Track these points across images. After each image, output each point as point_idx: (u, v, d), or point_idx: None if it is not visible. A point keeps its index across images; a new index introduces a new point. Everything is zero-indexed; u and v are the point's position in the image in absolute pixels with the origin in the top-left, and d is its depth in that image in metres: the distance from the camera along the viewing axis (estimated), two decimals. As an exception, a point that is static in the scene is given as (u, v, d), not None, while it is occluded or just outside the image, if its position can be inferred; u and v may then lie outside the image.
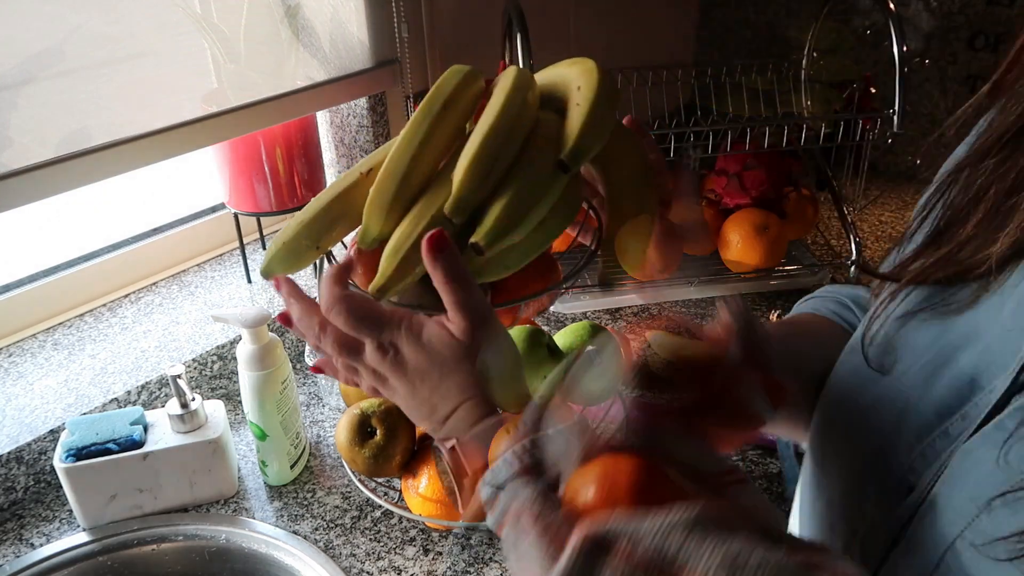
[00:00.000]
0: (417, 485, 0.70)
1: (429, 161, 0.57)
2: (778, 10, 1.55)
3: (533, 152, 0.56)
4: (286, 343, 1.02)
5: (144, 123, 0.82)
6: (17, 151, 0.73)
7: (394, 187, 0.56)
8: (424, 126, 0.57)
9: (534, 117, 0.59)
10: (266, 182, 0.99)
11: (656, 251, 1.01)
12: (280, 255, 0.59)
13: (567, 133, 0.56)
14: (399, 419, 0.72)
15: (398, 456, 0.71)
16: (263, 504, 0.81)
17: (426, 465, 0.71)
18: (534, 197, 0.55)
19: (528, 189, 0.55)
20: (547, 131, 0.57)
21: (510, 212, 0.54)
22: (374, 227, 0.57)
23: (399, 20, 1.02)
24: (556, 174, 0.55)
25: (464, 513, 0.67)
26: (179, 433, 0.77)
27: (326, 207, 0.60)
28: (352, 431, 0.71)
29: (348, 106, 1.09)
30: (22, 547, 0.76)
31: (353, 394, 0.77)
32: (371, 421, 0.71)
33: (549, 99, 0.61)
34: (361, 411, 0.72)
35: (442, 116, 0.58)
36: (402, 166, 0.56)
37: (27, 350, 0.94)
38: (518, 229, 0.54)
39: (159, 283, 1.07)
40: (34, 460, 0.81)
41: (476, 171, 0.53)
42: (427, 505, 0.70)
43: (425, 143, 0.57)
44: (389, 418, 0.71)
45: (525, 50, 0.92)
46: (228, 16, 0.89)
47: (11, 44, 0.71)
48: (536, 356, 0.69)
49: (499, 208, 0.54)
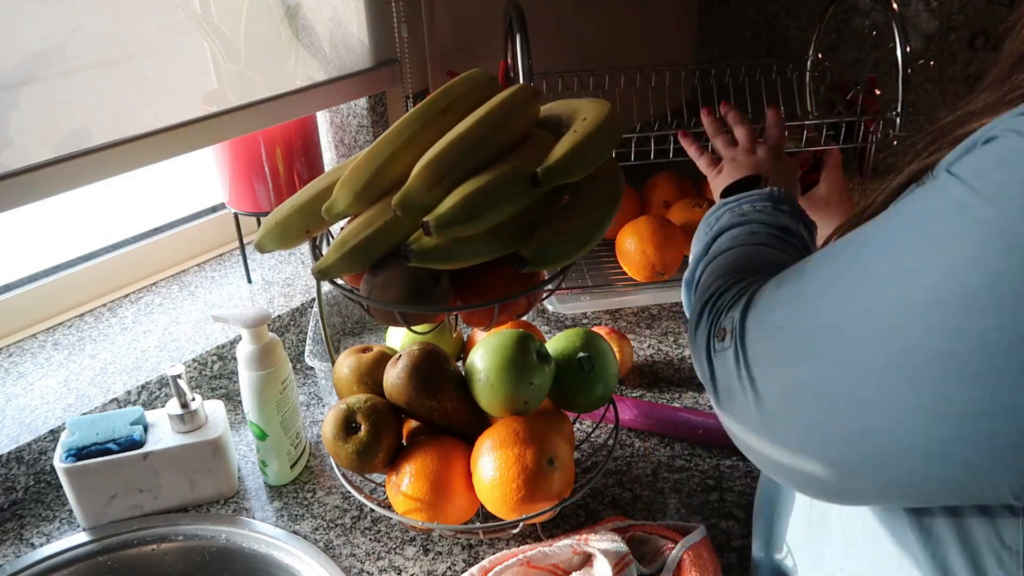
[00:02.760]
0: (400, 483, 0.70)
1: (409, 160, 0.57)
2: (778, 10, 1.55)
3: (515, 160, 0.57)
4: (286, 343, 1.02)
5: (144, 123, 0.82)
6: (17, 151, 0.73)
7: (367, 175, 0.59)
8: (414, 126, 0.59)
9: (520, 131, 0.60)
10: (266, 182, 0.99)
11: (656, 252, 1.02)
12: (272, 233, 0.62)
13: (552, 153, 0.57)
14: (385, 415, 0.72)
15: (382, 453, 0.71)
16: (263, 504, 0.81)
17: (409, 463, 0.70)
18: (495, 198, 0.55)
19: (491, 187, 0.55)
20: (539, 146, 0.58)
21: (465, 203, 0.54)
22: (340, 203, 0.59)
23: (399, 20, 1.02)
24: (526, 184, 0.56)
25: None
26: (179, 433, 0.77)
27: (319, 194, 0.62)
28: (337, 426, 0.71)
29: (348, 106, 1.09)
30: (22, 547, 0.76)
31: (346, 391, 0.77)
32: (356, 417, 0.71)
33: (558, 123, 0.63)
34: (347, 406, 0.71)
35: (436, 119, 0.59)
36: (380, 159, 0.58)
37: (27, 350, 0.94)
38: (470, 222, 0.54)
39: (159, 283, 1.07)
40: (34, 460, 0.81)
41: (429, 173, 0.55)
42: (408, 503, 0.70)
43: (409, 143, 0.59)
44: (374, 414, 0.71)
45: (525, 50, 0.92)
46: (228, 16, 0.89)
47: (11, 44, 0.71)
48: (524, 362, 0.69)
49: (457, 196, 0.55)
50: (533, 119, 0.63)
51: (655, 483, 0.81)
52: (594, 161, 0.58)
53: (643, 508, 0.78)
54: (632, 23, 1.45)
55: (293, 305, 1.02)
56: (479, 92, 0.62)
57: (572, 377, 0.74)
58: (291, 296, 1.04)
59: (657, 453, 0.86)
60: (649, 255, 1.06)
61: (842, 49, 1.47)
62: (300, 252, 1.14)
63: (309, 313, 1.03)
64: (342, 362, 0.78)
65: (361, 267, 0.59)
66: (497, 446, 0.68)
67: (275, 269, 1.10)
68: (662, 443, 0.87)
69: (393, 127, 0.59)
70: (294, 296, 1.04)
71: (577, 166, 0.57)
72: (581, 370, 0.74)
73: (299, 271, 1.09)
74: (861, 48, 1.47)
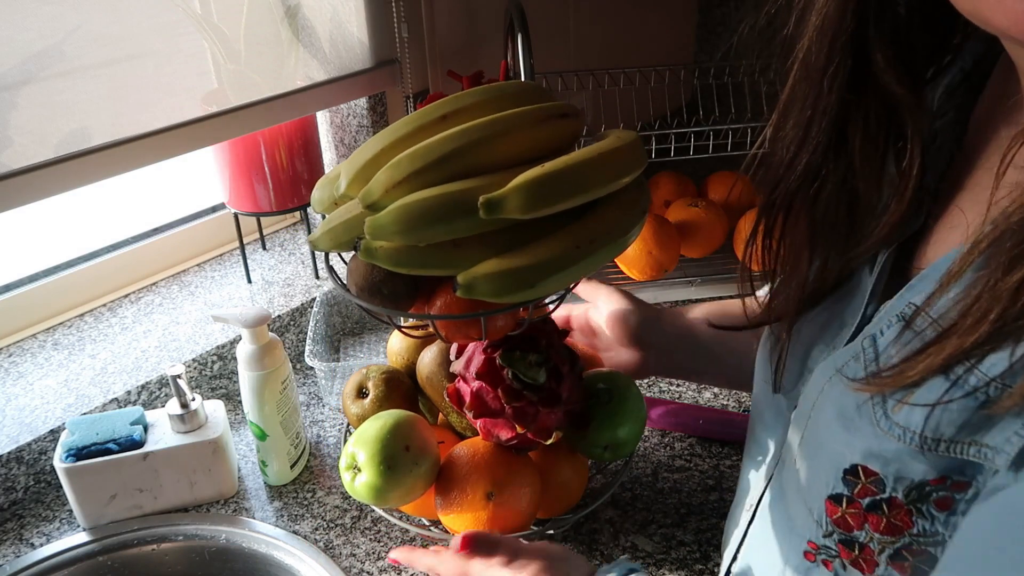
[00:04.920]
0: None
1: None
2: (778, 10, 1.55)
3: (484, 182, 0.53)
4: (286, 343, 1.02)
5: (144, 123, 0.82)
6: (17, 151, 0.73)
7: (362, 162, 0.57)
8: (409, 127, 0.57)
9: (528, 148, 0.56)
10: (266, 182, 0.99)
11: (661, 251, 1.00)
12: (326, 239, 0.59)
13: (512, 181, 0.52)
14: (396, 388, 0.75)
15: None
16: (263, 504, 0.81)
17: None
18: (432, 217, 0.51)
19: (430, 204, 0.52)
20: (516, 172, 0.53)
21: (399, 216, 0.52)
22: (343, 182, 0.58)
23: (399, 20, 1.02)
24: (474, 208, 0.51)
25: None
26: (179, 433, 0.77)
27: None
28: (353, 388, 0.76)
29: (348, 106, 1.09)
30: (22, 547, 0.76)
31: (395, 360, 0.80)
32: (368, 384, 0.75)
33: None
34: (365, 372, 0.76)
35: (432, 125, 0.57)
36: (373, 150, 0.57)
37: (27, 350, 0.94)
38: (402, 235, 0.52)
39: (159, 283, 1.07)
40: (34, 460, 0.81)
41: (391, 173, 0.53)
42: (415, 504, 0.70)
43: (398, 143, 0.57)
44: (384, 385, 0.74)
45: (526, 50, 0.92)
46: (228, 16, 0.89)
47: (11, 44, 0.71)
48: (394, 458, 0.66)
49: (396, 205, 0.52)
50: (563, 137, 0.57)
51: (655, 483, 0.81)
52: (554, 201, 0.52)
53: (643, 508, 0.78)
54: (632, 23, 1.45)
55: (293, 305, 1.02)
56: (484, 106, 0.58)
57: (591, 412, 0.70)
58: (291, 296, 1.04)
59: (657, 453, 0.86)
60: (656, 255, 1.06)
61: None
62: (299, 253, 1.14)
63: (309, 313, 1.03)
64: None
65: (344, 248, 0.59)
66: (450, 466, 0.68)
67: (275, 269, 1.10)
68: (662, 443, 0.87)
69: (394, 124, 0.59)
70: (294, 296, 1.04)
71: (527, 203, 0.51)
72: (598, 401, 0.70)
73: (299, 271, 1.09)
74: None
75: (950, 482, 0.39)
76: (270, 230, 1.19)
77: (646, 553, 0.74)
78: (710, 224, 1.13)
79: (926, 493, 0.41)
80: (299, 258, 1.13)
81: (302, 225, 1.19)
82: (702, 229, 1.13)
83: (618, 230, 0.56)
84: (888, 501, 0.42)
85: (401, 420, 0.67)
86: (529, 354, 0.64)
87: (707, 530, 0.75)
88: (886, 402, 0.42)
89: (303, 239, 1.17)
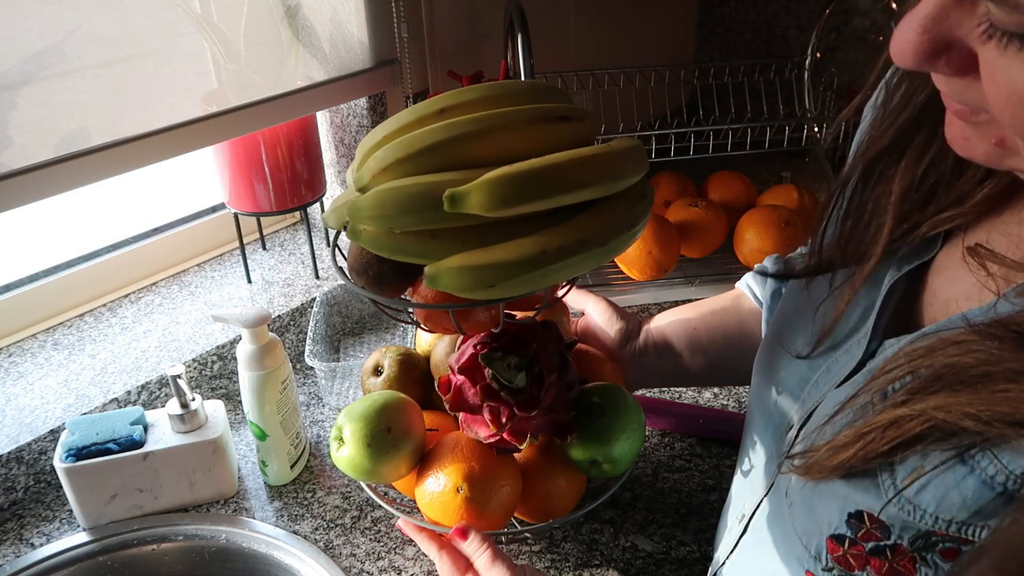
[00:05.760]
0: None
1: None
2: (778, 10, 1.55)
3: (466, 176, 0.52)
4: (286, 343, 1.02)
5: (144, 123, 0.82)
6: (17, 151, 0.73)
7: (366, 148, 0.57)
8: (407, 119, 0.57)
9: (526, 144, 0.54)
10: (266, 182, 0.99)
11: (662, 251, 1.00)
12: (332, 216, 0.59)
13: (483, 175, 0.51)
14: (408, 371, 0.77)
15: None
16: (263, 504, 0.81)
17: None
18: (404, 205, 0.51)
19: (404, 192, 0.51)
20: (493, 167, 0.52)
21: (375, 200, 0.52)
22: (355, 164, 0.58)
23: (399, 20, 1.02)
24: (439, 201, 0.50)
25: None
26: (179, 433, 0.77)
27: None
28: (370, 365, 0.79)
29: (348, 106, 1.09)
30: (22, 547, 0.76)
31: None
32: (383, 363, 0.78)
33: None
34: (383, 352, 0.79)
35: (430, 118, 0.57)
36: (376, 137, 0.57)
37: (27, 350, 0.94)
38: (379, 221, 0.52)
39: (159, 283, 1.07)
40: (34, 460, 0.81)
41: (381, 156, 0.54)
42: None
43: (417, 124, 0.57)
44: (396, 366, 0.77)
45: (526, 50, 0.92)
46: (228, 16, 0.89)
47: (11, 44, 0.71)
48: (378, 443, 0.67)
49: (376, 190, 0.52)
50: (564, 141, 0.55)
51: (655, 483, 0.81)
52: (521, 202, 0.50)
53: (643, 508, 0.78)
54: (632, 23, 1.45)
55: (293, 305, 1.02)
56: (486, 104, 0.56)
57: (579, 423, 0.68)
58: (291, 296, 1.04)
59: (657, 453, 0.86)
60: (656, 255, 1.06)
61: (842, 49, 1.47)
62: (299, 253, 1.14)
63: (309, 313, 1.03)
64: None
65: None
66: (433, 453, 0.69)
67: (275, 269, 1.10)
68: (662, 443, 0.87)
69: (396, 115, 0.59)
70: (294, 296, 1.04)
71: (490, 201, 0.49)
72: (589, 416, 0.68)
73: (299, 271, 1.09)
74: (861, 48, 1.46)
75: (958, 536, 0.39)
76: (270, 230, 1.19)
77: (646, 553, 0.74)
78: (710, 224, 1.13)
79: (932, 543, 0.40)
80: (299, 258, 1.13)
81: (302, 225, 1.19)
82: (702, 229, 1.13)
83: (596, 240, 0.53)
84: (892, 548, 0.42)
85: (389, 402, 0.68)
86: (511, 356, 0.63)
87: (707, 530, 0.75)
88: (895, 471, 0.41)
89: (303, 239, 1.17)
